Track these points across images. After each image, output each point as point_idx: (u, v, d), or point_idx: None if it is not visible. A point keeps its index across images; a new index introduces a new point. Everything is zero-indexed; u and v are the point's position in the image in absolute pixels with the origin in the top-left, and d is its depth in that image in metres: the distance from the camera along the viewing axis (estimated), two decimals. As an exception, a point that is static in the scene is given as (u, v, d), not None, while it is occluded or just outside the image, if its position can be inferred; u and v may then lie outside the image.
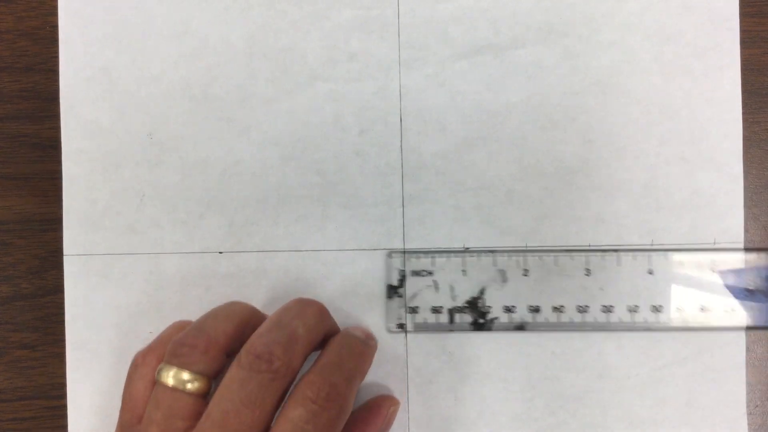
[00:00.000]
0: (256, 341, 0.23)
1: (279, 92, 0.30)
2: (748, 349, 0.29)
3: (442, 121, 0.29)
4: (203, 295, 0.29)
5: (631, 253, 0.28)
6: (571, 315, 0.28)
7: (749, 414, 0.29)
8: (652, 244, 0.29)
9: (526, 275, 0.28)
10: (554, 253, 0.28)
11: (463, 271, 0.28)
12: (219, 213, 0.30)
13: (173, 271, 0.29)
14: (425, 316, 0.29)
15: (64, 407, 0.29)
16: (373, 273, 0.29)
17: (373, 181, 0.29)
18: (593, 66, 0.29)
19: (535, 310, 0.28)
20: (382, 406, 0.27)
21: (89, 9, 0.30)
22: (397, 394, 0.29)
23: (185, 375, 0.23)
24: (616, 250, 0.28)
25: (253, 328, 0.25)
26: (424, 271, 0.29)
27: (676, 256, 0.28)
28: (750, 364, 0.29)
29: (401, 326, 0.29)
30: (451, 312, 0.29)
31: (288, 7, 0.30)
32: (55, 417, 0.30)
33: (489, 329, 0.29)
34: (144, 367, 0.25)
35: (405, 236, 0.29)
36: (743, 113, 0.29)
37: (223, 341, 0.24)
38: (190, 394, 0.23)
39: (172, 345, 0.24)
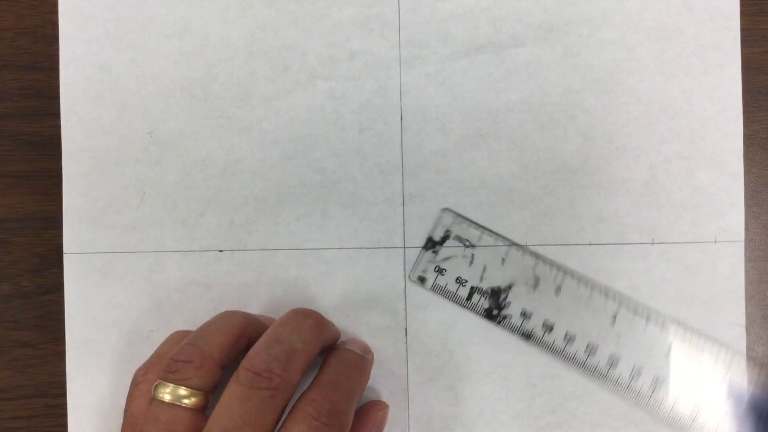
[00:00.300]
0: (254, 358, 0.23)
1: (279, 91, 0.30)
2: (748, 348, 0.29)
3: (443, 120, 0.29)
4: (203, 293, 0.29)
5: (660, 323, 0.28)
6: (578, 349, 0.28)
7: (750, 412, 0.29)
8: (652, 242, 0.29)
9: (557, 293, 0.28)
10: (590, 287, 0.28)
11: (503, 259, 0.28)
12: (219, 211, 0.30)
13: (173, 269, 0.29)
14: (448, 281, 0.29)
15: (65, 406, 0.29)
16: (374, 271, 0.29)
17: (373, 179, 0.29)
18: (593, 64, 0.29)
19: (549, 328, 0.28)
20: (370, 411, 0.27)
21: (89, 7, 0.30)
22: (397, 393, 0.29)
23: (182, 391, 0.23)
24: (647, 318, 0.28)
25: (249, 338, 0.25)
26: (468, 241, 0.28)
27: (700, 342, 0.28)
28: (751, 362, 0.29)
29: (422, 280, 0.29)
30: (473, 290, 0.29)
31: (288, 6, 0.30)
32: (56, 415, 0.30)
33: (498, 323, 0.29)
34: (145, 384, 0.25)
35: (405, 234, 0.29)
36: (744, 112, 0.29)
37: (218, 355, 0.24)
38: (187, 409, 0.23)
39: (168, 361, 0.24)
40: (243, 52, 0.30)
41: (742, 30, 0.29)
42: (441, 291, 0.29)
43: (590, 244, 0.29)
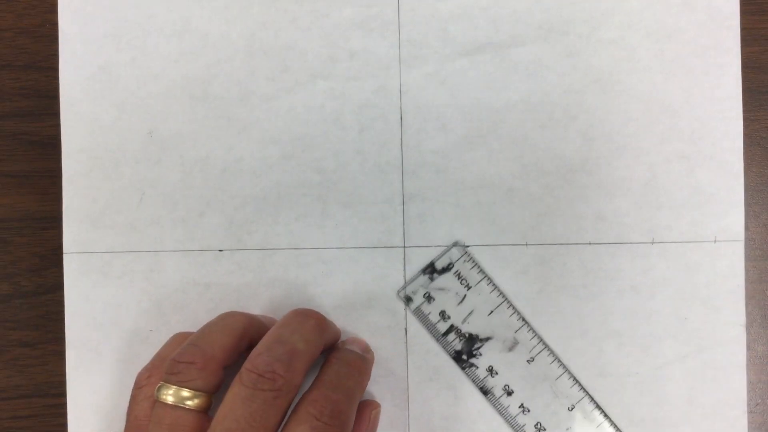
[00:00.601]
0: (257, 359, 0.23)
1: (279, 90, 0.30)
2: (748, 347, 0.29)
3: (443, 119, 0.29)
4: (203, 293, 0.29)
5: (614, 429, 0.28)
6: (527, 423, 0.28)
7: (750, 412, 0.29)
8: (652, 242, 0.29)
9: (529, 363, 0.28)
10: (563, 370, 0.28)
11: (491, 311, 0.28)
12: (219, 211, 0.30)
13: (173, 269, 0.29)
14: (432, 311, 0.29)
15: (64, 405, 0.29)
16: (373, 271, 0.29)
17: (373, 179, 0.29)
18: (593, 64, 0.29)
19: (508, 393, 0.28)
20: (363, 411, 0.27)
21: (89, 7, 0.30)
22: (397, 392, 0.29)
23: (185, 392, 0.23)
24: (604, 418, 0.28)
25: (251, 339, 0.25)
26: (465, 281, 0.29)
27: None
28: (751, 362, 0.29)
29: (409, 300, 0.29)
30: (451, 329, 0.29)
31: (288, 5, 0.30)
32: (55, 415, 0.30)
33: (463, 369, 0.29)
34: (148, 388, 0.25)
35: (405, 234, 0.29)
36: (743, 111, 0.29)
37: (221, 356, 0.24)
38: (191, 410, 0.23)
39: (170, 363, 0.24)
40: (243, 52, 0.30)
41: (742, 30, 0.29)
42: (422, 317, 0.29)
43: (590, 244, 0.29)
